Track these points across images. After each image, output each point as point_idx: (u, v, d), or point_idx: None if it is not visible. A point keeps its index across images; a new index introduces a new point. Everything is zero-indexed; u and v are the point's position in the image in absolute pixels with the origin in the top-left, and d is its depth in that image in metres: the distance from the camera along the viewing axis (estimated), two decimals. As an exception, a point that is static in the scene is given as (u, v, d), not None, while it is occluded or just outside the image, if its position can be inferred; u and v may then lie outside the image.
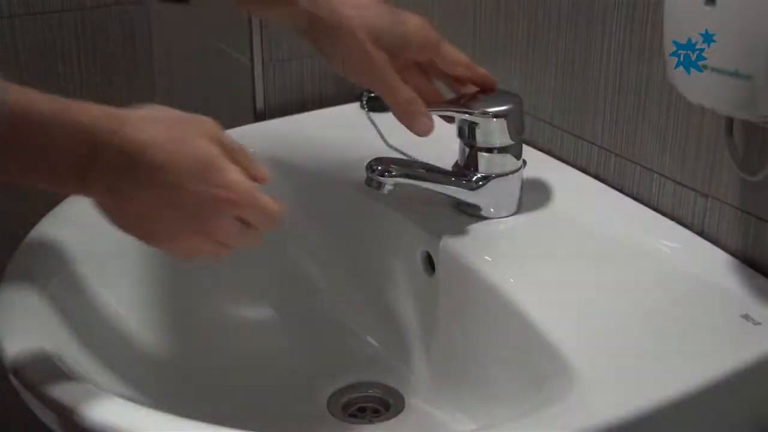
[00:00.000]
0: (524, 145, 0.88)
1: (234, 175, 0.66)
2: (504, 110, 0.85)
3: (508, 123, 0.85)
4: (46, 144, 0.60)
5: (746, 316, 0.74)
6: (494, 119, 0.85)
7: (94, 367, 0.78)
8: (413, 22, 0.84)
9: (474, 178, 0.87)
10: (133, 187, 0.63)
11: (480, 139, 0.86)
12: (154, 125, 0.63)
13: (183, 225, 0.66)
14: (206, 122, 0.67)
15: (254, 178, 0.68)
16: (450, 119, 0.88)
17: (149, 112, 0.65)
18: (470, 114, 0.85)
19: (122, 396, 0.68)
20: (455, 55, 0.86)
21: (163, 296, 0.93)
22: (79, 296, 0.83)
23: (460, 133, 0.87)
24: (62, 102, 0.61)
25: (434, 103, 0.86)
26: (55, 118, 0.60)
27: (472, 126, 0.85)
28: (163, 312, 0.93)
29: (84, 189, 0.63)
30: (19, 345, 0.72)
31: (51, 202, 0.89)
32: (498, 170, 0.87)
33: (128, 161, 0.62)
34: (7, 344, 0.73)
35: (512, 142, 0.86)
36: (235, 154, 0.67)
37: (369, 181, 0.83)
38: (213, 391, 0.90)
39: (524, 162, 0.88)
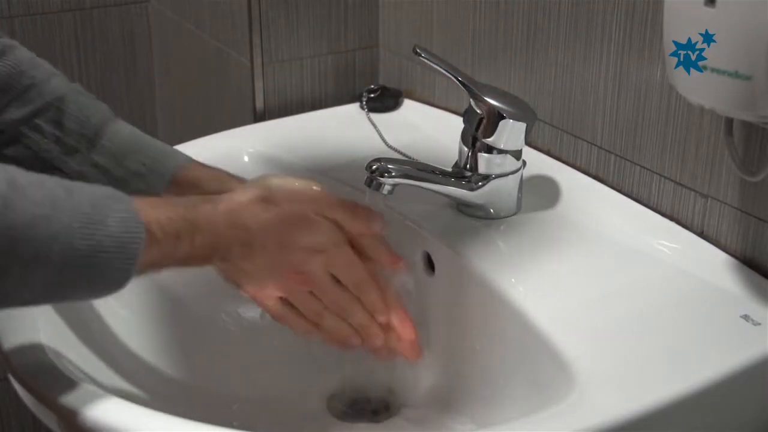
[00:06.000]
0: (524, 146, 0.88)
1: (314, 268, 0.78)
2: (528, 116, 0.85)
3: (527, 128, 0.85)
4: (177, 254, 0.70)
5: (746, 317, 0.74)
6: (512, 121, 0.85)
7: (94, 367, 0.78)
8: None
9: (474, 179, 0.86)
10: (242, 260, 0.75)
11: (491, 137, 0.85)
12: (267, 213, 0.75)
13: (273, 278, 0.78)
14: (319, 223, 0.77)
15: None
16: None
17: (264, 193, 0.76)
18: (495, 108, 0.84)
19: (122, 396, 0.67)
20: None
21: (163, 296, 0.93)
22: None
23: (467, 119, 0.86)
24: (189, 215, 0.71)
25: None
26: (187, 233, 0.70)
27: (483, 120, 0.85)
28: (162, 312, 0.93)
29: (207, 265, 0.76)
30: (18, 345, 0.72)
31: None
32: (498, 171, 0.87)
33: (244, 244, 0.74)
34: (6, 344, 0.73)
35: (520, 148, 0.86)
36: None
37: (369, 181, 0.83)
38: (213, 391, 0.90)
39: (524, 162, 0.88)
